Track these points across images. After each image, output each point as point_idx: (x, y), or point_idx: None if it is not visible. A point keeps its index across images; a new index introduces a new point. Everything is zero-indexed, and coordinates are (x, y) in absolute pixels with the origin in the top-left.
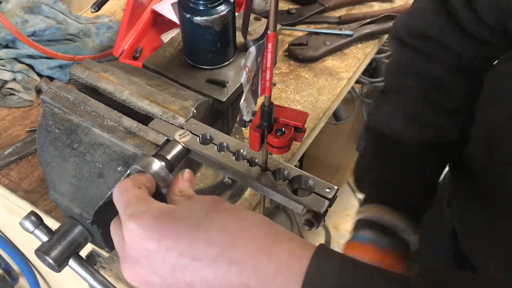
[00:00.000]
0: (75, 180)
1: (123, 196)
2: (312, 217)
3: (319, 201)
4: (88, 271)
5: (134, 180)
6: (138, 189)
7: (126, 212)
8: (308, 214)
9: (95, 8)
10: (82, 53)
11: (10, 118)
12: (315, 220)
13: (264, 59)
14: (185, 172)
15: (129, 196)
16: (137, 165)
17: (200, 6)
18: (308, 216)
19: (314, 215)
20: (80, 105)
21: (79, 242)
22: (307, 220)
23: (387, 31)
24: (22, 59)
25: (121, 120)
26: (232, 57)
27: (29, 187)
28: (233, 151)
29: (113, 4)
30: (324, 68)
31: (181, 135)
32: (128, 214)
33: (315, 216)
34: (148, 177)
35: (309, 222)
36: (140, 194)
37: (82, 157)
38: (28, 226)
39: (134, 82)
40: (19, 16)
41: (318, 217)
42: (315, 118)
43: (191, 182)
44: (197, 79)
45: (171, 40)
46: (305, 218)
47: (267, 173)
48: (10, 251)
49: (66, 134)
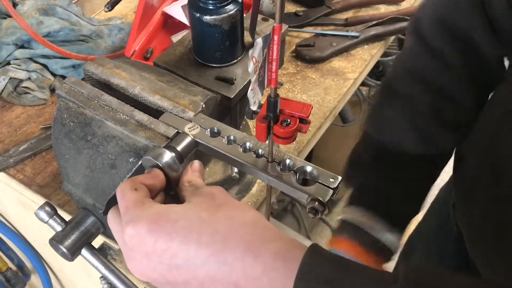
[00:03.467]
0: (89, 172)
1: (121, 203)
2: (316, 205)
3: (323, 190)
4: (100, 261)
5: (131, 182)
6: (134, 192)
7: (125, 219)
8: (313, 202)
9: (108, 7)
10: (94, 53)
11: (25, 115)
12: (319, 208)
13: (270, 51)
14: (194, 163)
15: (126, 202)
16: (149, 155)
17: (209, 5)
18: (312, 204)
19: (318, 204)
20: (94, 100)
21: (91, 232)
22: (312, 208)
23: (393, 32)
24: (37, 59)
25: (133, 113)
26: (240, 56)
27: (43, 182)
28: (240, 143)
29: (125, 7)
30: (330, 69)
31: (191, 128)
32: (125, 222)
33: (320, 205)
34: (152, 173)
35: (313, 210)
36: (136, 197)
37: (95, 149)
38: (43, 216)
39: (145, 78)
40: (35, 18)
41: (322, 205)
42: (321, 117)
43: (200, 172)
44: (206, 77)
45: (181, 40)
46: (310, 206)
47: (273, 164)
48: (23, 247)
49: (80, 127)
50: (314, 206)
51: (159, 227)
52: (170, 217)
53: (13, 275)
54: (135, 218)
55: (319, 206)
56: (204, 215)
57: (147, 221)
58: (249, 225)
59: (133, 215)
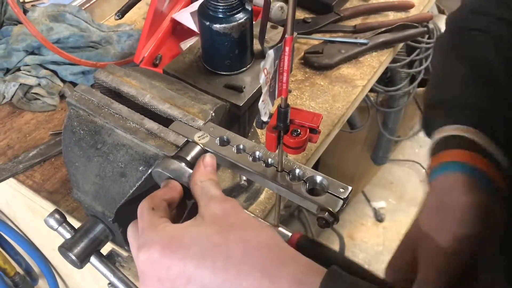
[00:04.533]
0: (98, 179)
1: (139, 222)
2: (326, 215)
3: (333, 201)
4: (108, 268)
5: (150, 200)
6: (151, 212)
7: (139, 241)
8: (322, 213)
9: (119, 15)
10: (104, 60)
11: (34, 121)
12: (329, 218)
13: (282, 62)
14: (206, 157)
15: (143, 223)
16: (159, 168)
17: (219, 14)
18: (322, 214)
19: (328, 214)
20: (104, 108)
21: (100, 240)
22: (322, 218)
23: (402, 39)
24: (47, 65)
25: (143, 122)
26: (249, 64)
27: (52, 188)
28: (249, 152)
29: (134, 13)
30: (339, 76)
31: (200, 136)
32: (140, 245)
33: (329, 215)
34: (169, 186)
35: (323, 220)
36: (152, 218)
37: (105, 157)
38: (53, 224)
39: (155, 86)
40: (45, 24)
41: (333, 215)
42: (330, 124)
43: (213, 166)
44: (215, 85)
45: (191, 47)
46: (320, 216)
47: (283, 173)
48: (31, 252)
49: (90, 135)
50: (324, 217)
51: (172, 253)
52: (183, 241)
53: (21, 280)
54: (148, 242)
55: (329, 216)
56: (217, 239)
57: (160, 245)
58: (263, 247)
59: (147, 239)
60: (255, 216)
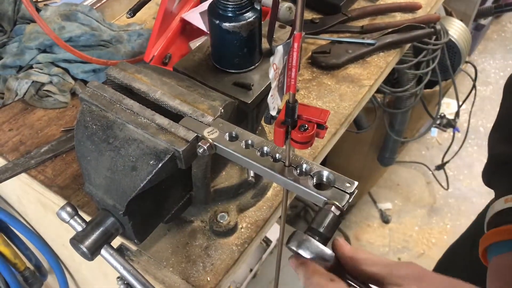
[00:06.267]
0: (110, 173)
1: None
2: (333, 209)
3: (339, 195)
4: (118, 261)
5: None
6: (333, 284)
7: None
8: (329, 207)
9: (130, 13)
10: (114, 58)
11: (46, 118)
12: (335, 212)
13: (290, 58)
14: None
15: None
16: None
17: (228, 13)
18: (329, 208)
19: (335, 208)
20: (116, 103)
21: (111, 233)
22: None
23: (409, 40)
24: (59, 63)
25: (153, 117)
26: (258, 62)
27: (63, 183)
28: (257, 148)
29: (144, 13)
30: (346, 76)
31: (210, 132)
32: None
33: (336, 209)
34: None
35: None
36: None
37: (117, 151)
38: (64, 216)
39: (166, 83)
40: (57, 23)
41: (339, 209)
42: (337, 123)
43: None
44: (224, 82)
45: (200, 46)
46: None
47: (290, 168)
48: (41, 247)
49: (103, 130)
50: (331, 211)
51: None
52: None
53: (31, 275)
54: None
55: (335, 210)
56: None
57: None
58: None
59: None
60: None
